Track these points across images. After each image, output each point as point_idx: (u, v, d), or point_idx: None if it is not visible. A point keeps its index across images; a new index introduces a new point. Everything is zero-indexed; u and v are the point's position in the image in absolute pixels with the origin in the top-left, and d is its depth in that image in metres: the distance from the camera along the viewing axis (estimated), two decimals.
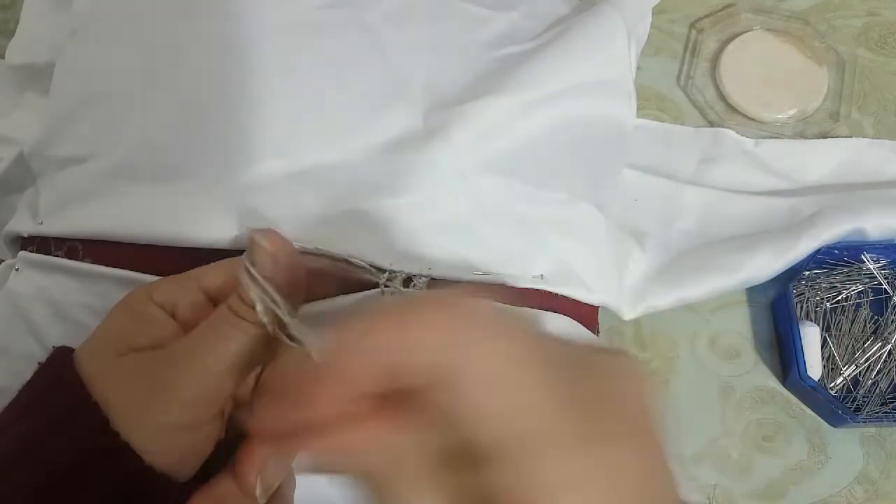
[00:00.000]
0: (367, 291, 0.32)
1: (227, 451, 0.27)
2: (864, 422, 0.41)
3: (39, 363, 0.26)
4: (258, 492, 0.25)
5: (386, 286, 0.32)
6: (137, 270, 0.32)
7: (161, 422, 0.24)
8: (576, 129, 0.38)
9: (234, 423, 0.29)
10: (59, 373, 0.25)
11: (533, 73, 0.37)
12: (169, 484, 0.25)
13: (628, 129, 0.40)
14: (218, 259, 0.31)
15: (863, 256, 0.44)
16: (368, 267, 0.31)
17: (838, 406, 0.40)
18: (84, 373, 0.25)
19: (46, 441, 0.24)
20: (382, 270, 0.32)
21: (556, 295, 0.36)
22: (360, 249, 0.31)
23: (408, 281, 0.32)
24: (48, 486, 0.23)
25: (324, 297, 0.31)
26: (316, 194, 0.32)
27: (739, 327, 0.45)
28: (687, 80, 0.51)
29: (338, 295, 0.32)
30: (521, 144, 0.36)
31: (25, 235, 0.36)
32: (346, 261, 0.31)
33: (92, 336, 0.27)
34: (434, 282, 0.33)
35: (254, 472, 0.25)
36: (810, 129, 0.49)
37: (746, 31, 0.52)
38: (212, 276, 0.29)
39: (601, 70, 0.39)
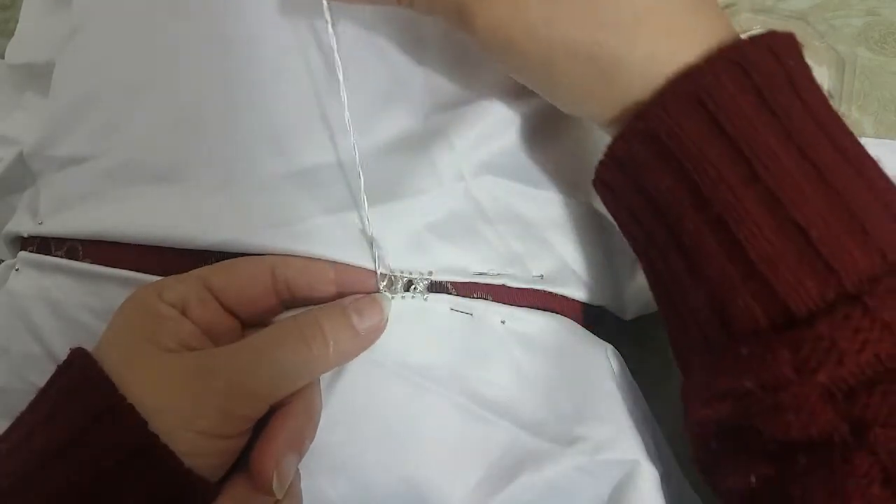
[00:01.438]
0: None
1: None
2: None
3: (58, 365, 0.26)
4: (275, 486, 0.25)
5: (386, 290, 0.32)
6: (137, 271, 0.32)
7: (202, 429, 0.25)
8: (576, 128, 0.38)
9: None
10: (85, 374, 0.25)
11: None
12: (205, 486, 0.25)
13: None
14: (218, 260, 0.31)
15: None
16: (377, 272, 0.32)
17: None
18: (110, 374, 0.25)
19: (80, 443, 0.24)
20: (383, 275, 0.32)
21: (556, 295, 0.36)
22: (360, 252, 0.31)
23: (409, 284, 0.32)
24: (85, 489, 0.23)
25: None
26: (315, 195, 0.32)
27: None
28: None
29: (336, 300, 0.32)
30: (520, 145, 0.36)
31: (25, 235, 0.36)
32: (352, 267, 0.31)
33: (106, 337, 0.27)
34: (434, 284, 0.33)
35: (271, 468, 0.25)
36: None
37: (746, 31, 0.52)
38: (217, 275, 0.29)
39: None
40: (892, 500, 0.20)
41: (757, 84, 0.23)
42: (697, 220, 0.24)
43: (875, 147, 0.48)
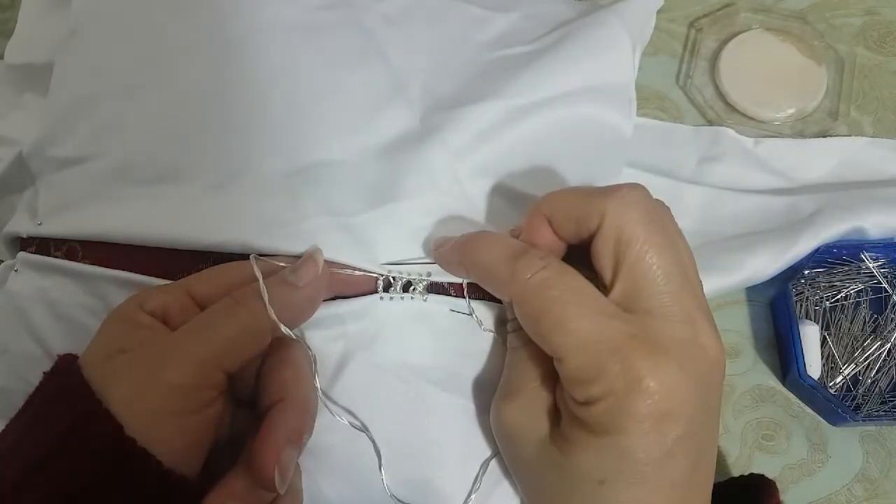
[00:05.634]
0: (366, 297, 0.32)
1: (228, 452, 0.27)
2: (864, 420, 0.41)
3: (45, 372, 0.26)
4: (277, 481, 0.25)
5: (385, 291, 0.32)
6: (137, 272, 0.32)
7: (153, 408, 0.25)
8: (572, 135, 0.37)
9: (235, 423, 0.29)
10: (66, 380, 0.25)
11: (530, 77, 0.37)
12: (187, 485, 0.25)
13: (626, 136, 0.39)
14: (216, 260, 0.31)
15: (862, 255, 0.44)
16: (370, 273, 0.32)
17: (838, 405, 0.40)
18: (90, 381, 0.25)
19: (59, 453, 0.24)
20: (381, 275, 0.32)
21: None
22: (357, 254, 0.31)
23: (407, 285, 0.32)
24: (72, 497, 0.23)
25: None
26: (313, 196, 0.32)
27: (739, 326, 0.45)
28: (686, 79, 0.51)
29: (334, 300, 0.32)
30: (516, 148, 0.36)
31: (24, 236, 0.36)
32: (351, 267, 0.32)
33: (88, 347, 0.27)
34: (433, 285, 0.33)
35: (273, 462, 0.25)
36: (809, 128, 0.49)
37: (745, 31, 0.52)
38: (201, 283, 0.29)
39: (599, 77, 0.38)
40: None
41: None
42: None
43: (875, 146, 0.48)
